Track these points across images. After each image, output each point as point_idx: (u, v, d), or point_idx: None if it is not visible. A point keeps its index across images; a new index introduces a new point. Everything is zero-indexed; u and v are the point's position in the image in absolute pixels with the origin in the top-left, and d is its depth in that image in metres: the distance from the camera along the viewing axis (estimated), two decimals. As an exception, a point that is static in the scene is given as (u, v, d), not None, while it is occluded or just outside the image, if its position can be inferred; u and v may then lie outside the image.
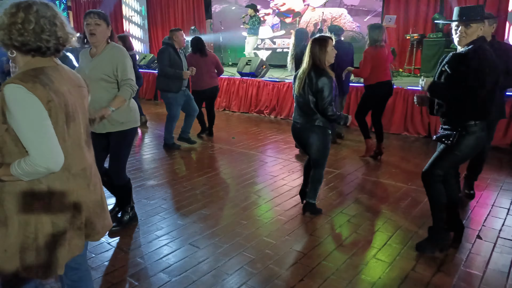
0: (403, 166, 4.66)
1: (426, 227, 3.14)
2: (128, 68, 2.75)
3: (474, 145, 2.60)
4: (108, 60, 2.73)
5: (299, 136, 3.31)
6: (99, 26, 2.69)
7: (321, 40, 3.10)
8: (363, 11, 8.89)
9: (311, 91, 3.07)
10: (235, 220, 3.27)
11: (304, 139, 3.25)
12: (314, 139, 3.19)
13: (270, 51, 10.67)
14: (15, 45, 1.38)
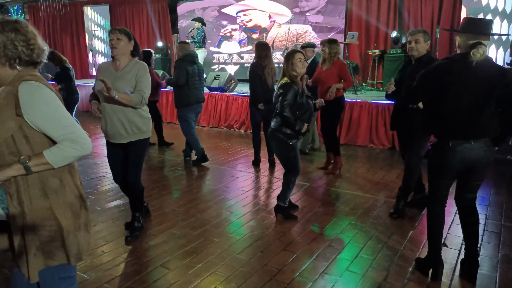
0: (370, 177, 4.79)
1: (395, 237, 3.23)
2: (147, 83, 3.01)
3: None
4: (132, 74, 2.97)
5: (268, 139, 3.65)
6: (120, 40, 2.94)
7: (288, 53, 3.39)
8: (327, 28, 9.18)
9: (276, 100, 3.36)
10: (206, 238, 3.22)
11: (270, 142, 3.60)
12: (274, 145, 3.49)
13: (238, 66, 10.76)
14: (32, 60, 1.50)
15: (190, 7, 11.58)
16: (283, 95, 3.28)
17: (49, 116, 1.45)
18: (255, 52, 4.99)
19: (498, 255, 2.95)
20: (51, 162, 1.45)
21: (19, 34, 1.45)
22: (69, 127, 1.47)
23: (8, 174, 1.42)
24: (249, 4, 10.38)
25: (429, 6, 7.74)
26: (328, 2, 9.08)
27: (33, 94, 1.43)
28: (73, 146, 1.46)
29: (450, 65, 2.41)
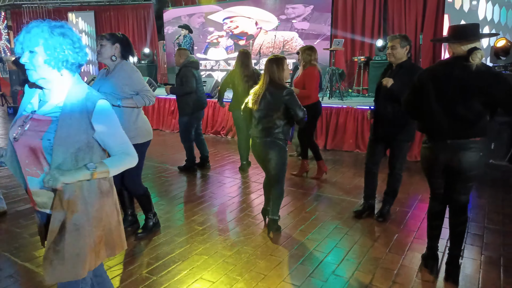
0: (356, 182, 4.83)
1: (380, 240, 3.25)
2: (140, 80, 3.03)
3: None
4: (117, 77, 2.99)
5: (258, 150, 3.33)
6: (103, 46, 2.98)
7: (278, 59, 3.27)
8: (313, 35, 9.28)
9: (275, 106, 3.17)
10: (192, 244, 3.19)
11: (264, 154, 3.30)
12: (272, 154, 3.25)
13: (225, 72, 10.78)
14: (77, 63, 1.60)
15: (176, 14, 11.60)
16: (295, 100, 3.17)
17: (115, 133, 1.65)
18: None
19: (481, 256, 3.00)
20: (110, 170, 1.61)
21: (66, 38, 1.54)
22: (126, 143, 1.70)
23: (76, 177, 1.53)
24: (235, 11, 10.44)
25: (413, 14, 7.89)
26: (314, 9, 9.19)
27: (106, 114, 1.61)
28: (129, 159, 1.69)
29: (445, 68, 2.49)
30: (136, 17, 12.38)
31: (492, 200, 4.14)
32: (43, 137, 1.53)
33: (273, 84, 3.22)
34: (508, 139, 5.41)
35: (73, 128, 1.54)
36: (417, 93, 2.64)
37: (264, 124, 3.23)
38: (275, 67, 3.23)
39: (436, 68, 2.60)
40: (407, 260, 2.94)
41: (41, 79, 1.55)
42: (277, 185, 3.35)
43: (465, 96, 2.40)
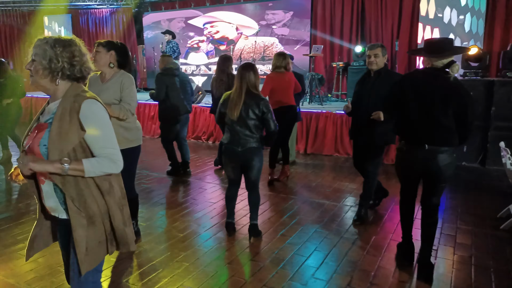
0: (335, 186, 4.93)
1: (358, 243, 3.34)
2: (133, 95, 3.04)
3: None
4: (117, 86, 3.00)
5: (238, 160, 3.32)
6: (98, 53, 3.01)
7: (253, 66, 3.30)
8: (293, 41, 9.41)
9: (255, 115, 3.20)
10: (173, 252, 3.20)
11: (246, 162, 3.31)
12: (256, 161, 3.30)
13: (206, 77, 10.80)
14: (74, 75, 1.64)
15: (156, 18, 11.55)
16: (271, 112, 3.24)
17: (101, 133, 1.64)
18: None
19: (454, 256, 3.12)
20: (86, 171, 1.59)
21: (65, 51, 1.60)
22: (112, 148, 1.67)
23: (46, 168, 1.55)
24: (216, 16, 10.48)
25: (389, 21, 8.11)
26: (293, 16, 9.33)
27: (94, 112, 1.62)
28: (110, 164, 1.65)
29: (426, 78, 2.67)
30: (115, 21, 12.26)
31: (465, 202, 4.30)
32: (40, 143, 1.60)
33: (251, 93, 3.23)
34: (480, 143, 5.63)
35: (64, 130, 1.57)
36: (397, 100, 2.78)
37: (244, 132, 3.24)
38: (252, 75, 3.24)
39: (417, 77, 2.76)
40: (383, 261, 3.03)
41: (39, 86, 1.64)
42: (255, 191, 3.43)
43: (445, 105, 2.59)
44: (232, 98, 3.25)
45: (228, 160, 3.39)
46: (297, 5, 9.28)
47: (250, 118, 3.21)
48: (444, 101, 2.59)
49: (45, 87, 1.65)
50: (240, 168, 3.39)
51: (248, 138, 3.24)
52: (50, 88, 1.65)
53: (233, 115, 3.22)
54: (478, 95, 5.56)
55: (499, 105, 5.39)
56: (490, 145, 5.47)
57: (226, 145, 3.36)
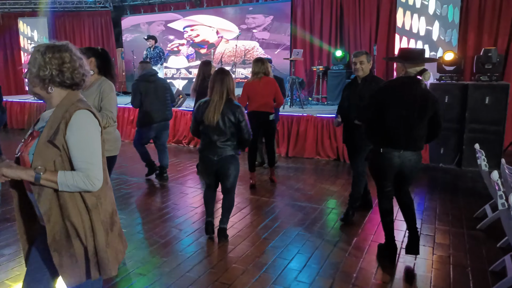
0: (317, 188, 4.96)
1: (340, 244, 3.37)
2: (112, 103, 2.97)
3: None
4: (96, 94, 2.94)
5: (215, 168, 3.29)
6: None
7: (228, 72, 3.26)
8: (273, 45, 9.47)
9: (231, 122, 3.18)
10: (155, 258, 3.15)
11: (222, 170, 3.30)
12: (232, 169, 3.31)
13: (186, 81, 10.73)
14: (64, 81, 1.58)
15: (135, 21, 11.42)
16: (246, 120, 3.22)
17: (83, 146, 1.56)
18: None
19: (433, 256, 3.18)
20: (60, 183, 1.52)
21: (54, 58, 1.55)
22: (92, 164, 1.56)
23: (18, 175, 1.52)
24: (196, 19, 10.45)
25: (367, 26, 8.26)
26: (273, 20, 9.39)
27: (81, 123, 1.56)
28: (85, 180, 1.55)
29: (404, 87, 2.85)
30: (93, 24, 12.05)
31: (442, 202, 4.40)
32: (29, 151, 1.57)
33: (229, 99, 3.20)
34: (456, 145, 5.79)
35: (51, 139, 1.54)
36: (377, 108, 2.90)
37: (220, 140, 3.21)
38: (232, 80, 3.22)
39: (395, 86, 2.91)
40: (365, 263, 3.07)
41: (35, 94, 1.63)
42: (230, 196, 3.46)
43: (422, 112, 2.81)
44: (212, 103, 3.18)
45: (204, 168, 3.40)
46: (277, 9, 9.35)
47: (227, 125, 3.18)
48: (422, 109, 2.80)
49: (40, 95, 1.62)
50: (215, 175, 3.38)
51: (225, 146, 3.23)
52: (45, 96, 1.62)
53: (212, 120, 3.14)
54: (453, 99, 5.72)
55: (473, 108, 5.56)
56: (466, 147, 5.63)
57: (202, 153, 3.34)
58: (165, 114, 5.19)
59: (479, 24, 7.04)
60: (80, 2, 11.64)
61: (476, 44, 7.05)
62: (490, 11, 6.93)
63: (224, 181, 3.36)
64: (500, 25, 6.85)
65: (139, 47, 11.01)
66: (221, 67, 3.38)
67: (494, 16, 6.91)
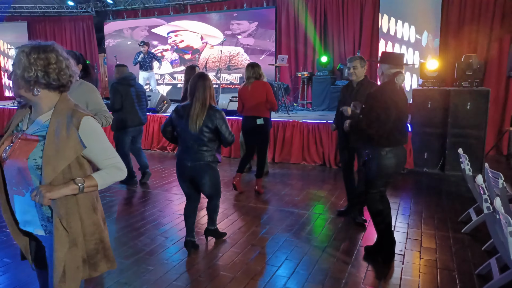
0: (304, 194, 4.95)
1: (328, 250, 3.36)
2: (99, 100, 2.94)
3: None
4: (76, 98, 2.69)
5: (189, 175, 3.17)
6: None
7: (208, 76, 3.13)
8: (258, 51, 9.49)
9: (209, 128, 3.04)
10: (140, 266, 3.07)
11: (198, 178, 3.16)
12: (206, 178, 3.15)
13: (170, 86, 10.64)
14: (50, 83, 1.55)
15: (118, 26, 11.29)
16: (225, 124, 3.08)
17: (102, 148, 1.65)
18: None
19: (420, 260, 3.20)
20: (100, 184, 1.62)
21: (39, 59, 1.52)
22: (115, 157, 1.68)
23: (64, 193, 1.53)
24: (180, 25, 10.39)
25: (351, 32, 8.37)
26: (258, 26, 9.42)
27: (94, 129, 1.62)
28: (118, 172, 1.68)
29: (398, 91, 3.00)
30: (75, 29, 11.85)
31: (427, 206, 4.45)
32: (29, 156, 1.54)
33: (210, 106, 3.07)
34: (439, 149, 5.88)
35: (61, 146, 1.53)
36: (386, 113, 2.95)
37: (198, 147, 3.07)
38: (212, 87, 3.08)
39: (393, 92, 2.98)
40: (353, 268, 3.06)
41: (21, 97, 1.60)
42: (214, 200, 3.40)
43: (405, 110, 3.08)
44: (194, 111, 3.03)
45: (178, 174, 3.24)
46: (261, 16, 9.39)
47: (204, 131, 3.03)
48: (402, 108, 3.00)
49: (26, 97, 1.59)
50: (190, 182, 3.24)
51: (203, 152, 3.08)
52: (31, 99, 1.59)
53: (194, 128, 3.02)
54: (436, 104, 5.82)
55: (455, 113, 5.66)
56: (448, 151, 5.73)
57: (177, 158, 3.21)
58: (142, 118, 5.25)
59: (459, 31, 7.22)
60: (62, 6, 11.44)
61: (456, 50, 7.22)
62: (469, 19, 7.11)
63: (201, 189, 3.24)
64: (480, 32, 7.04)
65: (122, 52, 10.90)
66: (200, 71, 3.27)
67: (473, 23, 7.10)
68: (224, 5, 9.95)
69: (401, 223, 3.96)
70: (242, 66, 9.49)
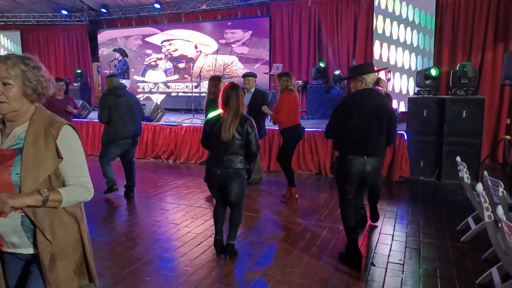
0: (300, 203, 4.90)
1: (327, 259, 3.31)
2: None
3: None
4: None
5: (219, 182, 3.23)
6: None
7: (239, 86, 3.25)
8: (252, 59, 9.50)
9: (240, 135, 3.13)
10: (136, 277, 2.99)
11: (226, 185, 3.22)
12: (235, 185, 3.21)
13: (165, 95, 10.59)
14: (39, 93, 1.56)
15: (111, 35, 11.25)
16: (255, 132, 3.18)
17: (76, 163, 1.58)
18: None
19: (420, 269, 3.16)
20: (64, 201, 1.52)
21: (40, 71, 1.56)
22: (86, 176, 1.61)
23: (27, 202, 1.44)
24: (174, 34, 10.39)
25: (345, 40, 8.42)
26: (252, 35, 9.44)
27: (70, 140, 1.57)
28: (85, 193, 1.59)
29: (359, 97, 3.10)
30: (68, 38, 11.79)
31: (425, 215, 4.42)
32: (11, 171, 1.48)
33: (242, 113, 3.19)
34: (435, 158, 5.88)
35: (40, 157, 1.49)
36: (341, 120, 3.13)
37: (229, 154, 3.15)
38: (243, 95, 3.21)
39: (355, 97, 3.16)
40: (353, 277, 3.00)
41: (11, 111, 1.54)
42: (237, 211, 3.35)
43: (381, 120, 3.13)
44: (227, 119, 3.13)
45: (208, 181, 3.35)
46: (255, 25, 9.42)
47: (236, 138, 3.12)
48: (379, 117, 3.06)
49: (18, 112, 1.55)
50: (219, 189, 3.30)
51: (233, 159, 3.17)
52: (21, 113, 1.56)
53: (227, 136, 3.10)
54: (431, 113, 5.84)
55: (451, 121, 5.68)
56: (444, 160, 5.73)
57: (208, 165, 3.30)
58: (135, 130, 4.99)
59: (452, 40, 7.30)
60: (55, 15, 11.40)
61: (450, 58, 7.29)
62: (462, 28, 7.20)
63: (227, 196, 3.26)
64: (473, 41, 7.12)
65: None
66: (232, 81, 3.36)
67: (467, 32, 7.18)
68: (218, 14, 9.98)
69: (399, 232, 3.92)
70: (237, 75, 9.49)
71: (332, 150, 3.87)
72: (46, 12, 11.40)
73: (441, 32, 7.37)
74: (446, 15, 7.32)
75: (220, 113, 3.22)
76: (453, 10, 7.27)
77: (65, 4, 10.92)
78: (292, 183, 4.96)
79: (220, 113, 3.21)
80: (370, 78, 3.08)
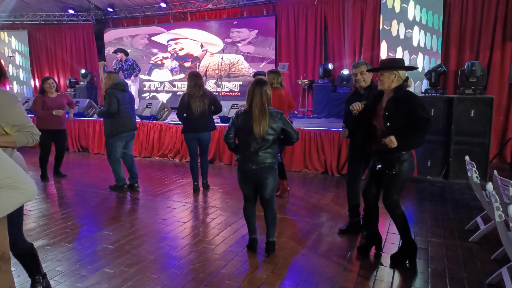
0: (306, 202, 4.89)
1: (335, 258, 3.29)
2: (20, 115, 2.29)
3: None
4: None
5: (253, 177, 3.26)
6: None
7: (266, 82, 3.29)
8: (258, 58, 9.50)
9: (274, 130, 3.17)
10: (144, 275, 2.99)
11: (260, 180, 3.25)
12: (270, 179, 3.25)
13: (170, 94, 10.62)
14: None
15: (118, 34, 11.30)
16: (288, 122, 3.25)
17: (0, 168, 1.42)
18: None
19: (428, 269, 3.14)
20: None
21: None
22: (12, 177, 1.43)
23: None
24: (180, 33, 10.41)
25: (351, 39, 8.39)
26: (258, 34, 9.44)
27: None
28: (16, 194, 1.42)
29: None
30: (75, 37, 11.86)
31: (433, 215, 4.39)
32: None
33: (271, 109, 3.22)
34: (442, 157, 5.84)
35: None
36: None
37: (262, 149, 3.19)
38: (269, 91, 3.23)
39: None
40: (361, 277, 2.99)
41: None
42: (271, 207, 3.38)
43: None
44: (255, 117, 3.15)
45: (241, 178, 3.35)
46: (261, 24, 9.42)
47: (268, 133, 3.16)
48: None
49: None
50: (253, 185, 3.34)
51: (266, 154, 3.21)
52: None
53: (259, 132, 3.13)
54: (438, 112, 5.81)
55: (458, 120, 5.64)
56: (452, 159, 5.69)
57: (240, 162, 3.31)
58: (134, 124, 5.31)
59: (460, 39, 7.25)
60: (62, 15, 11.46)
61: (458, 57, 7.24)
62: (470, 27, 7.15)
63: (262, 191, 3.29)
64: (482, 39, 7.06)
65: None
66: (259, 77, 3.39)
67: (475, 31, 7.13)
68: (224, 13, 9.98)
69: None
70: (242, 74, 9.51)
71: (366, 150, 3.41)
72: (53, 11, 11.47)
73: (448, 31, 7.32)
74: (454, 14, 7.27)
75: (248, 109, 3.25)
76: (461, 9, 7.22)
77: (72, 4, 10.99)
78: (283, 175, 5.00)
79: (248, 109, 3.24)
80: (402, 73, 3.04)
